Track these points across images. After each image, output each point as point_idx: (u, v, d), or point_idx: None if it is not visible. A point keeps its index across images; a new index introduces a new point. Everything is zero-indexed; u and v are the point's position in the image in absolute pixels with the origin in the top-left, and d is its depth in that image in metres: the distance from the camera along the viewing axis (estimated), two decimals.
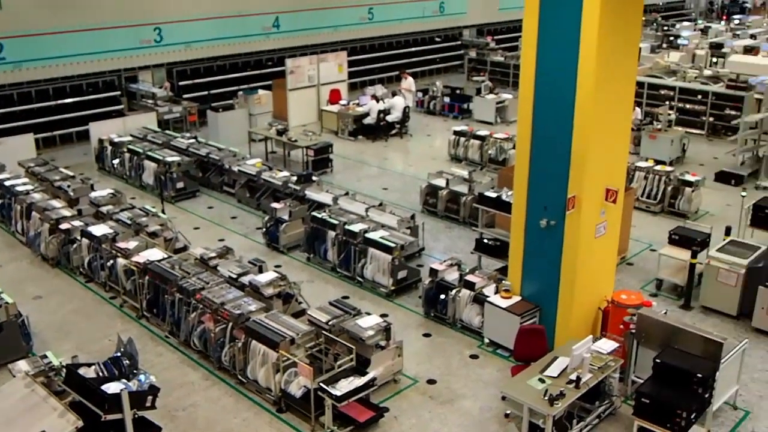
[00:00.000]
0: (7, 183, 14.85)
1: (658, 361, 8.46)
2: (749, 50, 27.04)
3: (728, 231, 12.20)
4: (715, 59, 26.01)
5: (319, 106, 21.66)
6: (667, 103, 20.26)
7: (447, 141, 18.72)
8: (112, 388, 7.86)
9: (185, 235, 13.25)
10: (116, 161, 17.49)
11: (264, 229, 13.79)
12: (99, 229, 12.36)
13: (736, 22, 36.60)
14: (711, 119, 20.80)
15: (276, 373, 9.12)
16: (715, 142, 20.20)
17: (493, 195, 12.22)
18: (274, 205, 13.75)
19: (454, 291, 10.92)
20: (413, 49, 28.00)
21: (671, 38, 31.02)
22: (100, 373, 8.32)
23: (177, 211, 15.42)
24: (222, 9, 21.88)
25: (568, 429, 8.51)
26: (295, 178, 14.87)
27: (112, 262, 11.87)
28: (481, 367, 10.16)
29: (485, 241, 12.27)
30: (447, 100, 22.82)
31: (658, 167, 15.41)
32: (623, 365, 9.17)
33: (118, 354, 8.58)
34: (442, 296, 11.06)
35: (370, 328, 9.49)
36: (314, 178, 15.09)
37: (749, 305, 10.99)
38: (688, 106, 21.15)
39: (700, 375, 8.21)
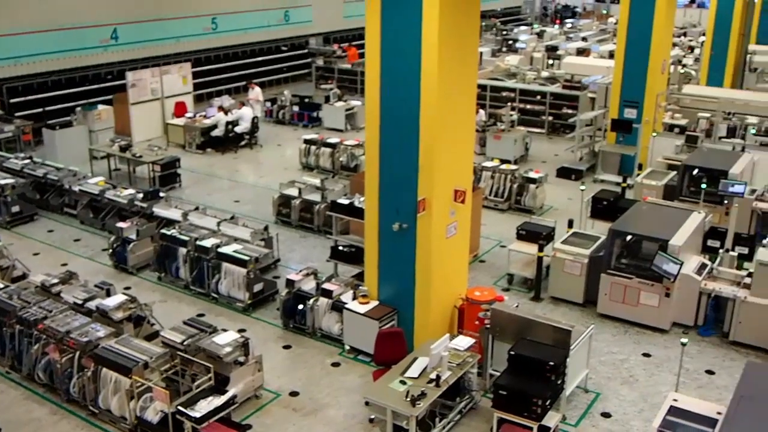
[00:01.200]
0: None
1: (512, 353, 8.72)
2: (581, 52, 28.62)
3: (571, 224, 12.79)
4: (551, 61, 27.31)
5: (164, 119, 20.98)
6: (509, 104, 21.02)
7: (298, 150, 18.61)
8: None
9: (23, 263, 12.44)
10: None
11: (110, 250, 13.18)
12: None
13: (569, 25, 38.62)
14: (550, 118, 21.84)
15: (130, 400, 8.72)
16: (554, 139, 21.20)
17: (346, 202, 12.23)
18: (120, 224, 13.18)
19: (311, 300, 10.83)
20: (260, 58, 27.68)
21: (510, 42, 32.32)
22: None
23: (13, 237, 14.46)
24: (55, 21, 20.76)
25: (431, 428, 8.63)
26: (141, 195, 14.33)
27: None
28: (344, 374, 10.13)
29: (340, 248, 12.26)
30: (296, 108, 22.71)
31: (504, 166, 15.97)
32: (481, 360, 9.40)
33: None
34: (300, 306, 10.95)
35: (227, 345, 9.25)
36: (162, 194, 14.60)
37: (593, 292, 11.57)
38: (528, 106, 22.10)
39: (552, 363, 8.52)
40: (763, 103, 18.22)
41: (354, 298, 10.52)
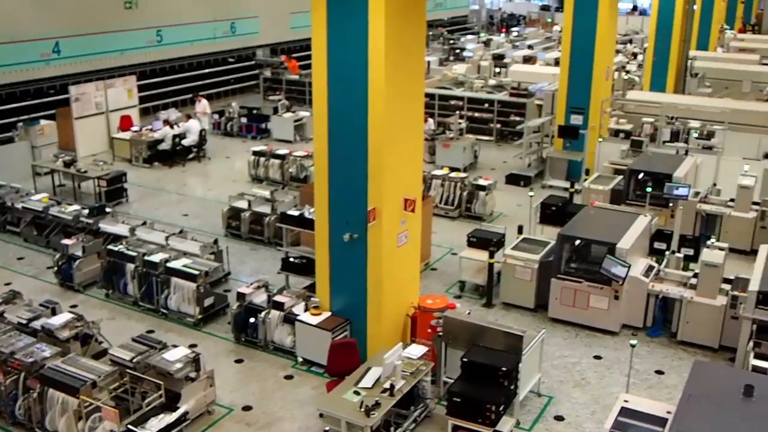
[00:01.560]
0: None
1: (465, 360, 8.75)
2: (527, 60, 29.02)
3: (520, 230, 12.89)
4: (498, 69, 27.63)
5: (109, 133, 20.61)
6: (458, 112, 21.16)
7: (247, 162, 18.47)
8: None
9: None
10: None
11: (56, 268, 12.88)
12: None
13: (515, 34, 39.14)
14: (498, 126, 22.02)
15: (78, 421, 8.49)
16: (503, 146, 21.37)
17: (296, 213, 12.16)
18: (66, 241, 12.91)
19: (263, 313, 10.73)
20: (206, 70, 27.41)
21: (457, 51, 32.65)
22: None
23: None
24: None
25: None
26: (87, 211, 14.04)
27: None
28: (297, 386, 10.05)
29: (291, 259, 12.18)
30: (244, 120, 22.49)
31: (453, 174, 16.05)
32: (434, 368, 9.39)
33: None
34: (252, 320, 10.84)
35: (177, 361, 9.10)
36: (108, 209, 14.32)
37: (544, 297, 11.69)
38: (476, 114, 22.25)
39: (504, 368, 8.59)
40: (704, 107, 18.67)
41: (306, 310, 10.45)
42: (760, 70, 25.75)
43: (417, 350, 9.30)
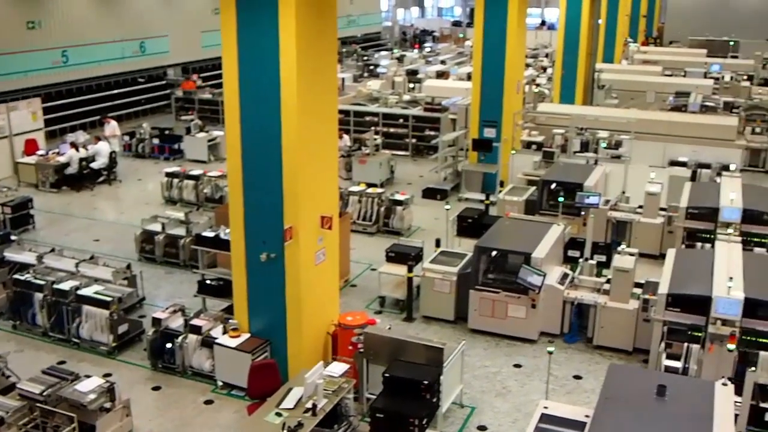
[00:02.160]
0: None
1: (386, 375, 8.74)
2: (441, 75, 29.42)
3: (438, 243, 12.98)
4: (412, 85, 27.95)
5: (13, 158, 19.89)
6: (373, 128, 21.28)
7: (160, 184, 18.08)
8: None
9: None
10: None
11: None
12: None
13: (428, 49, 39.67)
14: (413, 140, 22.23)
15: None
16: (419, 161, 21.57)
17: (212, 234, 11.92)
18: None
19: (180, 338, 10.47)
20: (115, 91, 26.75)
21: (371, 67, 32.87)
22: None
23: None
24: None
25: None
26: None
27: None
28: (217, 411, 9.83)
29: (208, 282, 11.92)
30: (156, 141, 22.02)
31: (370, 190, 16.08)
32: (356, 385, 9.31)
33: None
34: (169, 345, 10.56)
35: (91, 392, 8.81)
36: (13, 237, 13.76)
37: (464, 309, 11.77)
38: (392, 129, 22.44)
39: (426, 382, 8.60)
40: (611, 117, 19.28)
41: (224, 333, 10.25)
42: (662, 81, 26.86)
43: (338, 368, 9.19)
